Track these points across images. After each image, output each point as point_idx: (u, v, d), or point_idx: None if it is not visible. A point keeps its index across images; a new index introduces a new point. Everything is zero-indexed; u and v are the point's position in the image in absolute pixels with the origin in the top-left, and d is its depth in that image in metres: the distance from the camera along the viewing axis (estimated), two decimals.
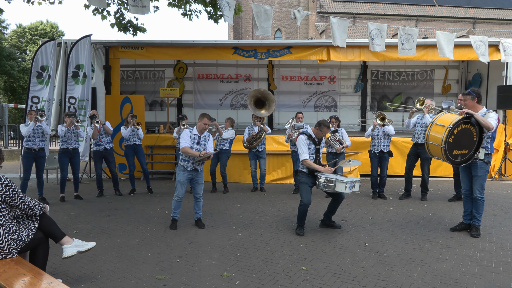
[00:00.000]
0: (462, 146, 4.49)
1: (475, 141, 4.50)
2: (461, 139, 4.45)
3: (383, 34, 8.09)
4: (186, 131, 5.07)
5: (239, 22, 35.43)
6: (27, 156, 6.50)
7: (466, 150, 4.51)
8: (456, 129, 4.42)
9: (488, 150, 4.53)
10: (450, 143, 4.43)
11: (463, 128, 4.45)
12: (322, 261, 3.87)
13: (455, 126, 4.40)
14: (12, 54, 26.05)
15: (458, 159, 4.53)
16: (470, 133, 4.48)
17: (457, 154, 4.50)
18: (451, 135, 4.40)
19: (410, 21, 32.01)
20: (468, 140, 4.49)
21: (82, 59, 8.63)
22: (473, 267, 3.70)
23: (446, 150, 4.42)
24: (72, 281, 3.41)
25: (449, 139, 4.40)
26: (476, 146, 4.52)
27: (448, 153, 4.44)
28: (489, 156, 4.60)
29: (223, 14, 7.12)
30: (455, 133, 4.42)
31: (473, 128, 4.47)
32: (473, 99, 4.52)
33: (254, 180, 7.78)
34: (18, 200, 3.01)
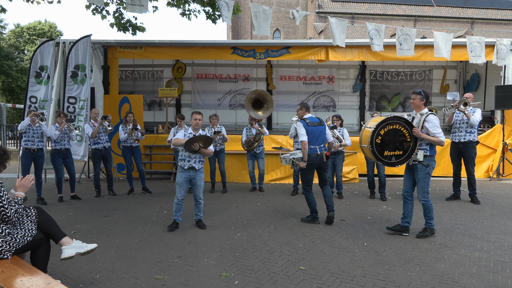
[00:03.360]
0: (395, 147, 4.51)
1: (410, 141, 4.50)
2: (391, 140, 4.49)
3: (381, 34, 8.10)
4: (180, 131, 5.11)
5: (237, 22, 35.42)
6: (26, 156, 6.49)
7: (401, 151, 4.53)
8: (382, 130, 4.47)
9: (427, 152, 4.45)
10: (378, 144, 4.49)
11: (392, 129, 4.48)
12: (321, 261, 3.88)
13: (380, 127, 4.46)
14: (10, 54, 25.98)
15: (392, 160, 4.56)
16: (402, 134, 4.50)
17: (390, 155, 4.54)
18: (377, 136, 4.47)
19: (409, 21, 32.04)
20: (401, 141, 4.50)
21: (82, 59, 8.62)
22: (471, 267, 3.70)
23: (374, 151, 4.49)
24: (70, 281, 3.40)
25: (376, 140, 4.47)
26: (411, 147, 4.50)
27: (377, 154, 4.51)
28: (430, 158, 4.48)
29: (222, 14, 7.12)
30: (381, 134, 4.47)
31: (404, 128, 4.47)
32: (422, 99, 4.54)
33: (252, 180, 7.78)
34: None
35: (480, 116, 6.39)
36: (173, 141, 4.97)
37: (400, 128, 4.48)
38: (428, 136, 4.40)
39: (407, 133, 4.50)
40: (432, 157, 4.51)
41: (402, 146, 4.53)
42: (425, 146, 4.48)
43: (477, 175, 8.17)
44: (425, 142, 4.47)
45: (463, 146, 6.46)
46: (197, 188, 5.06)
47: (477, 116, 6.31)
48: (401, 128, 4.48)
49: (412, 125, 4.48)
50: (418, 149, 4.49)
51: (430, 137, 4.39)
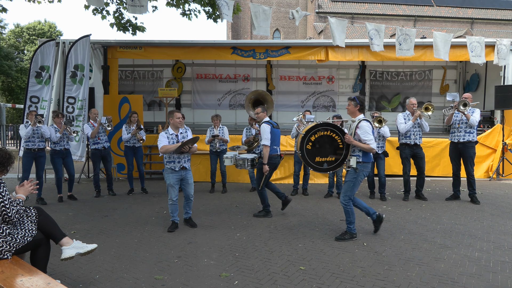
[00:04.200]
0: (327, 153, 4.52)
1: (342, 148, 4.50)
2: (322, 146, 4.50)
3: (381, 34, 8.10)
4: (161, 134, 4.97)
5: (237, 22, 35.42)
6: (27, 156, 6.50)
7: (333, 157, 4.53)
8: (313, 136, 4.48)
9: (359, 158, 4.40)
10: (309, 150, 4.50)
11: (323, 135, 4.49)
12: (321, 261, 3.88)
13: (311, 133, 4.47)
14: (10, 54, 25.97)
15: (324, 166, 4.55)
16: (333, 140, 4.49)
17: (322, 161, 4.54)
18: (308, 142, 4.49)
19: (408, 21, 32.04)
20: (333, 147, 4.51)
21: (81, 59, 8.61)
22: (471, 267, 3.70)
23: (305, 156, 4.50)
24: (70, 281, 3.40)
25: (307, 146, 4.49)
26: (344, 154, 4.51)
27: (308, 160, 4.52)
28: (363, 164, 4.42)
29: (222, 12, 7.12)
30: (312, 140, 4.49)
31: (336, 135, 4.48)
32: (356, 105, 4.52)
33: (252, 180, 7.78)
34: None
35: (479, 116, 6.39)
36: (161, 150, 4.83)
37: (332, 135, 4.49)
38: (359, 143, 4.35)
39: (339, 140, 4.49)
40: (365, 163, 4.43)
41: (335, 153, 4.52)
42: (358, 152, 4.43)
43: (477, 175, 8.18)
44: (358, 149, 4.42)
45: (462, 146, 6.46)
46: (190, 186, 5.06)
47: (476, 117, 6.32)
48: (333, 134, 4.48)
49: (344, 132, 4.47)
50: (351, 156, 4.46)
51: (361, 144, 4.34)
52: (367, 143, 4.32)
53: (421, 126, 6.52)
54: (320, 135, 4.49)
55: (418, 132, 6.57)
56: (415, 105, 6.53)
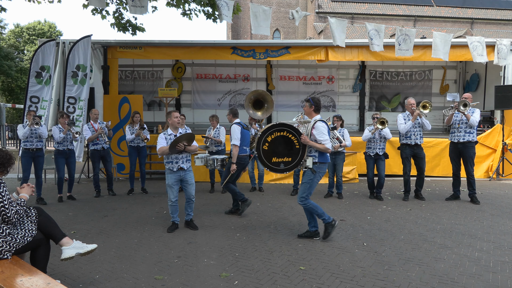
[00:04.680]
0: (283, 154, 4.52)
1: (299, 149, 4.49)
2: (278, 146, 4.50)
3: (381, 34, 8.10)
4: (160, 135, 4.94)
5: (237, 22, 35.42)
6: (26, 156, 6.51)
7: (290, 158, 4.53)
8: (269, 137, 4.50)
9: (315, 158, 4.39)
10: (266, 151, 4.51)
11: (280, 136, 4.50)
12: (321, 261, 3.88)
13: (267, 134, 4.49)
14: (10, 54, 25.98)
15: (281, 167, 4.56)
16: (290, 141, 4.50)
17: (279, 162, 4.54)
18: (264, 143, 4.50)
19: (408, 21, 32.05)
20: (289, 148, 4.50)
21: (82, 60, 8.61)
22: (471, 267, 3.70)
23: (261, 157, 4.52)
24: (70, 281, 3.40)
25: (263, 146, 4.51)
26: (301, 154, 4.49)
27: (265, 160, 4.53)
28: (319, 165, 4.42)
29: (222, 13, 7.12)
30: (269, 140, 4.49)
31: (292, 135, 4.48)
32: (311, 106, 4.55)
33: (252, 180, 7.79)
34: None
35: (479, 116, 6.40)
36: (159, 152, 4.81)
37: (289, 135, 4.49)
38: (314, 143, 4.35)
39: (296, 140, 4.49)
40: (321, 164, 4.44)
41: (291, 153, 4.51)
42: (314, 153, 4.43)
43: (477, 175, 8.18)
44: (314, 149, 4.42)
45: (462, 146, 6.47)
46: (190, 187, 5.01)
47: (476, 117, 6.32)
48: (289, 135, 4.49)
49: (300, 133, 4.47)
50: (307, 156, 4.45)
51: (317, 144, 4.34)
52: (322, 143, 4.33)
53: (422, 126, 6.52)
54: (277, 135, 4.50)
55: (419, 132, 6.57)
56: (413, 105, 6.53)
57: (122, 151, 9.07)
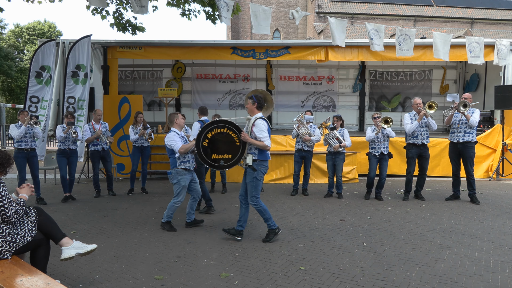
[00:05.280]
0: (223, 151, 4.50)
1: (239, 146, 4.47)
2: (218, 143, 4.50)
3: (381, 34, 8.11)
4: (172, 134, 4.93)
5: (237, 22, 35.42)
6: (19, 156, 6.46)
7: (230, 155, 4.51)
8: (209, 133, 4.50)
9: (255, 156, 4.37)
10: (206, 147, 4.51)
11: (220, 133, 4.49)
12: (321, 261, 3.88)
13: (207, 130, 4.50)
14: (10, 54, 25.97)
15: (221, 164, 4.55)
16: (230, 138, 4.48)
17: (218, 159, 4.53)
18: (204, 139, 4.50)
19: (408, 21, 32.05)
20: (230, 145, 4.49)
21: (82, 59, 8.61)
22: (471, 267, 3.71)
23: (201, 153, 4.52)
24: (70, 281, 3.40)
25: (203, 143, 4.50)
26: (241, 152, 4.47)
27: (205, 157, 4.52)
28: (259, 163, 4.39)
29: (221, 15, 7.13)
30: (209, 137, 4.50)
31: (233, 132, 4.47)
32: (253, 103, 4.49)
33: None
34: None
35: (479, 116, 6.40)
36: (181, 150, 4.78)
37: (229, 132, 4.47)
38: (254, 141, 4.33)
39: (236, 137, 4.47)
40: (261, 161, 4.41)
41: (231, 150, 4.49)
42: (254, 150, 4.41)
43: (477, 175, 8.18)
44: (254, 147, 4.39)
45: (462, 146, 6.47)
46: (197, 184, 5.14)
47: (476, 117, 6.32)
48: (229, 132, 4.47)
49: (240, 130, 4.45)
50: (247, 153, 4.43)
51: (256, 142, 4.32)
52: (261, 141, 4.31)
53: (428, 125, 6.51)
54: (217, 132, 4.49)
55: (426, 132, 6.56)
56: (419, 104, 6.52)
57: (122, 151, 9.07)
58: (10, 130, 6.50)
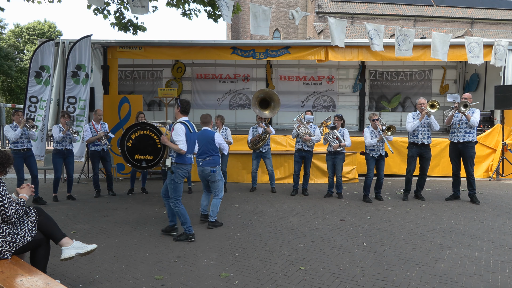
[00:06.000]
0: (146, 152, 4.69)
1: (160, 148, 4.66)
2: (142, 144, 4.68)
3: (380, 34, 8.10)
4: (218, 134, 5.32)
5: (237, 22, 35.42)
6: (16, 157, 6.41)
7: (151, 156, 4.69)
8: (133, 134, 4.72)
9: (173, 159, 4.56)
10: (129, 147, 4.73)
11: (143, 134, 4.69)
12: (321, 261, 3.88)
13: (131, 131, 4.72)
14: (10, 54, 25.96)
15: (143, 164, 4.73)
16: (152, 140, 4.67)
17: (141, 159, 4.73)
18: (128, 140, 4.72)
19: (408, 21, 32.06)
20: (152, 146, 4.68)
21: (83, 59, 8.61)
22: (471, 267, 3.71)
23: (125, 152, 4.73)
24: (70, 281, 3.40)
25: (127, 143, 4.72)
26: (162, 153, 4.65)
27: (128, 156, 4.74)
28: (176, 165, 4.52)
29: (222, 13, 7.13)
30: (132, 138, 4.71)
31: (155, 135, 4.65)
32: (177, 108, 4.64)
33: (253, 180, 7.77)
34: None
35: (479, 116, 6.40)
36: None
37: (151, 134, 4.66)
38: (171, 144, 4.48)
39: (158, 140, 4.65)
40: (179, 164, 4.51)
41: (153, 151, 4.67)
42: (173, 153, 4.56)
43: (477, 175, 8.18)
44: (173, 150, 4.55)
45: (462, 146, 6.47)
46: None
47: (477, 117, 6.33)
48: (152, 134, 4.66)
49: (161, 132, 4.63)
50: (168, 156, 4.63)
51: (172, 145, 4.46)
52: (176, 143, 4.42)
53: (430, 125, 6.51)
54: (140, 133, 4.70)
55: (427, 132, 6.55)
56: (423, 104, 6.52)
57: None
58: (5, 131, 6.45)
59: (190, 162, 4.63)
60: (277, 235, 4.76)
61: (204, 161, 5.14)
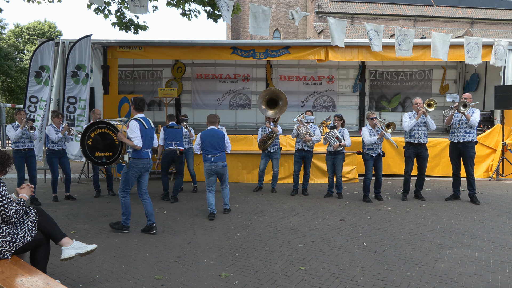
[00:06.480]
0: (105, 149, 4.92)
1: (118, 145, 4.86)
2: (101, 142, 4.90)
3: (380, 35, 8.10)
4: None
5: (237, 22, 35.42)
6: (18, 157, 6.47)
7: (111, 153, 4.92)
8: (92, 133, 4.93)
9: (130, 154, 4.78)
10: (90, 145, 4.95)
11: (102, 132, 4.90)
12: (321, 261, 3.88)
13: (90, 130, 4.93)
14: (10, 54, 25.96)
15: (103, 161, 4.96)
16: (111, 138, 4.88)
17: (101, 156, 4.96)
18: (88, 138, 4.95)
19: (408, 21, 32.07)
20: (110, 143, 4.89)
21: (83, 59, 8.61)
22: (471, 267, 3.71)
23: (86, 151, 4.96)
24: (70, 281, 3.40)
25: (88, 141, 4.95)
26: (120, 150, 4.86)
27: (89, 154, 4.97)
28: (134, 160, 4.76)
29: (222, 14, 7.13)
30: (92, 136, 4.93)
31: (112, 133, 4.87)
32: (131, 105, 4.93)
33: (260, 180, 7.74)
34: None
35: (479, 116, 6.40)
36: None
37: (109, 132, 4.88)
38: (127, 140, 4.69)
39: (116, 137, 4.84)
40: (135, 159, 4.77)
41: (112, 148, 4.90)
42: (129, 149, 4.78)
43: (477, 175, 8.17)
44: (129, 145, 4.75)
45: (462, 146, 6.47)
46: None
47: (476, 117, 6.33)
48: (110, 132, 4.88)
49: (118, 130, 4.82)
50: (126, 152, 4.85)
51: (128, 141, 4.68)
52: (131, 140, 4.65)
53: (427, 125, 6.51)
54: (99, 132, 4.91)
55: (423, 131, 6.56)
56: (419, 104, 6.53)
57: None
58: (7, 130, 6.51)
59: (146, 157, 4.88)
60: (277, 235, 4.76)
61: (216, 157, 5.58)
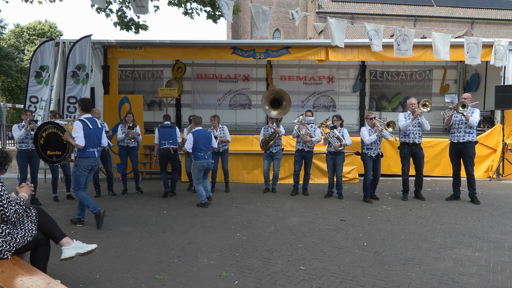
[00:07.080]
0: (55, 148, 5.21)
1: (66, 144, 5.15)
2: (52, 141, 5.19)
3: (380, 35, 8.10)
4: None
5: (237, 22, 35.42)
6: (21, 157, 6.49)
7: (60, 151, 5.23)
8: (44, 133, 5.19)
9: (76, 153, 5.00)
10: (42, 145, 5.21)
11: (52, 132, 5.19)
12: (321, 261, 3.88)
13: (42, 130, 5.18)
14: (10, 54, 25.99)
15: (54, 159, 5.26)
16: (60, 137, 5.16)
17: (52, 155, 5.25)
18: (40, 138, 5.20)
19: (409, 21, 32.06)
20: (59, 143, 5.19)
21: (83, 59, 8.61)
22: (471, 267, 3.70)
23: (38, 150, 5.23)
24: (70, 281, 3.40)
25: (40, 141, 5.20)
26: (67, 149, 5.17)
27: (42, 153, 5.23)
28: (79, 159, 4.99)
29: (223, 12, 7.14)
30: (44, 136, 5.19)
31: (61, 133, 5.13)
32: (79, 106, 5.18)
33: (266, 181, 7.64)
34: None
35: (479, 116, 6.40)
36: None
37: (58, 132, 5.15)
38: (71, 140, 4.94)
39: (63, 136, 5.11)
40: (80, 158, 5.02)
41: (61, 147, 5.20)
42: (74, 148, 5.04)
43: (477, 175, 8.18)
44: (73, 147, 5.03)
45: (462, 146, 6.47)
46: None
47: (476, 117, 6.32)
48: (59, 132, 5.15)
49: (65, 130, 5.07)
50: (73, 150, 5.13)
51: (72, 141, 4.93)
52: (74, 139, 4.91)
53: (421, 125, 6.52)
54: (50, 132, 5.18)
55: (418, 131, 6.57)
56: (414, 104, 6.55)
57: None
58: (12, 130, 6.58)
59: (92, 156, 5.10)
60: (277, 235, 4.76)
61: (207, 154, 6.37)
